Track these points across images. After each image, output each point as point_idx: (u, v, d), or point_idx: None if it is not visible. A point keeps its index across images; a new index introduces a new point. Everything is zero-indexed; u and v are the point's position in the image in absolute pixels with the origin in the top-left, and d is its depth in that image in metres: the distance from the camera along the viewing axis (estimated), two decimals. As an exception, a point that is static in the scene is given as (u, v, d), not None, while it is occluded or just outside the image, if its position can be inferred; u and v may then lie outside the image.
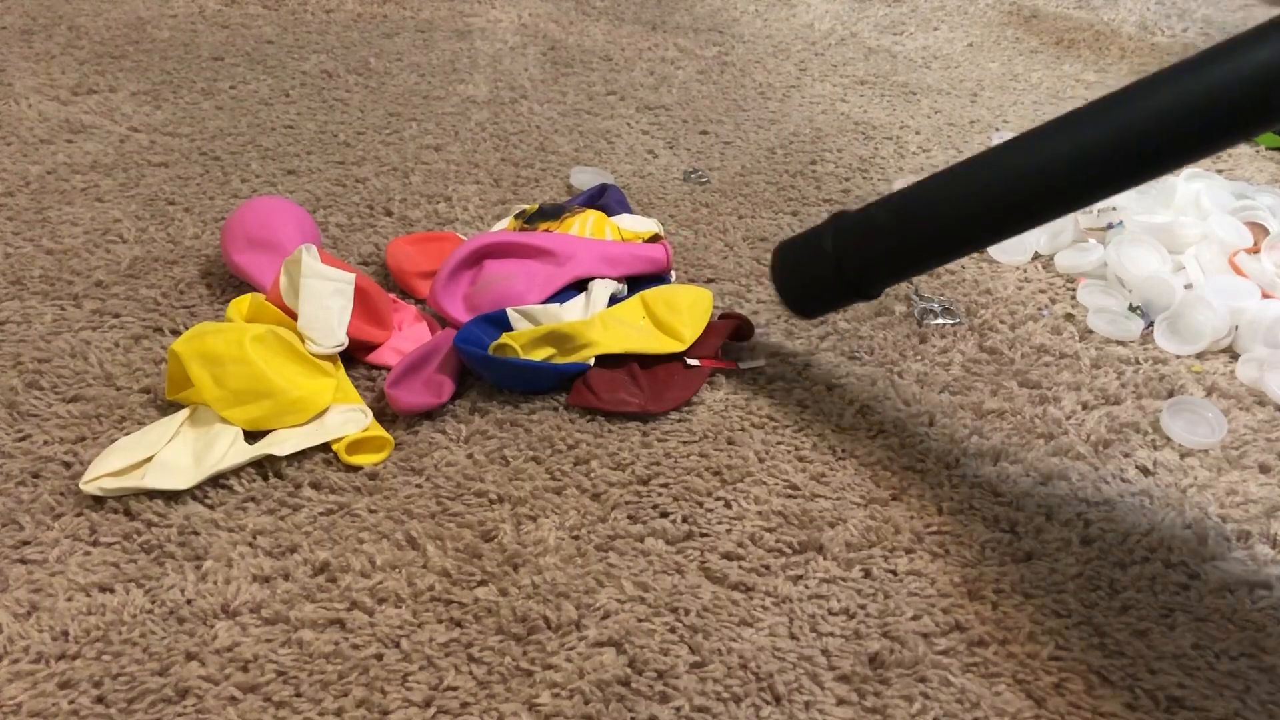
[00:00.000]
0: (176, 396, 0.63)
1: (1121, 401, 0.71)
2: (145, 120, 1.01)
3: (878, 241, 0.61)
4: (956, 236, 0.58)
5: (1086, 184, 0.52)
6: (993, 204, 0.55)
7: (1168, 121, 0.49)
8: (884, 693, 0.50)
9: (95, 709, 0.47)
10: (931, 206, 0.58)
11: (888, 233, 0.60)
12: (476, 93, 1.12)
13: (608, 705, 0.48)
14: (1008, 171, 0.54)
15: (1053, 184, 0.53)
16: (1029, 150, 0.54)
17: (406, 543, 0.56)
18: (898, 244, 0.60)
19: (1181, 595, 0.56)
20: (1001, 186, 0.54)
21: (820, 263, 0.63)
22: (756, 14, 1.43)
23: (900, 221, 0.59)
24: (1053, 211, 0.55)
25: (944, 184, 0.58)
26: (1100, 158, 0.51)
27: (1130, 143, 0.50)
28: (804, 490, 0.62)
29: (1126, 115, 0.50)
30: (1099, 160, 0.51)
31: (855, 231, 0.62)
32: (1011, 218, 0.55)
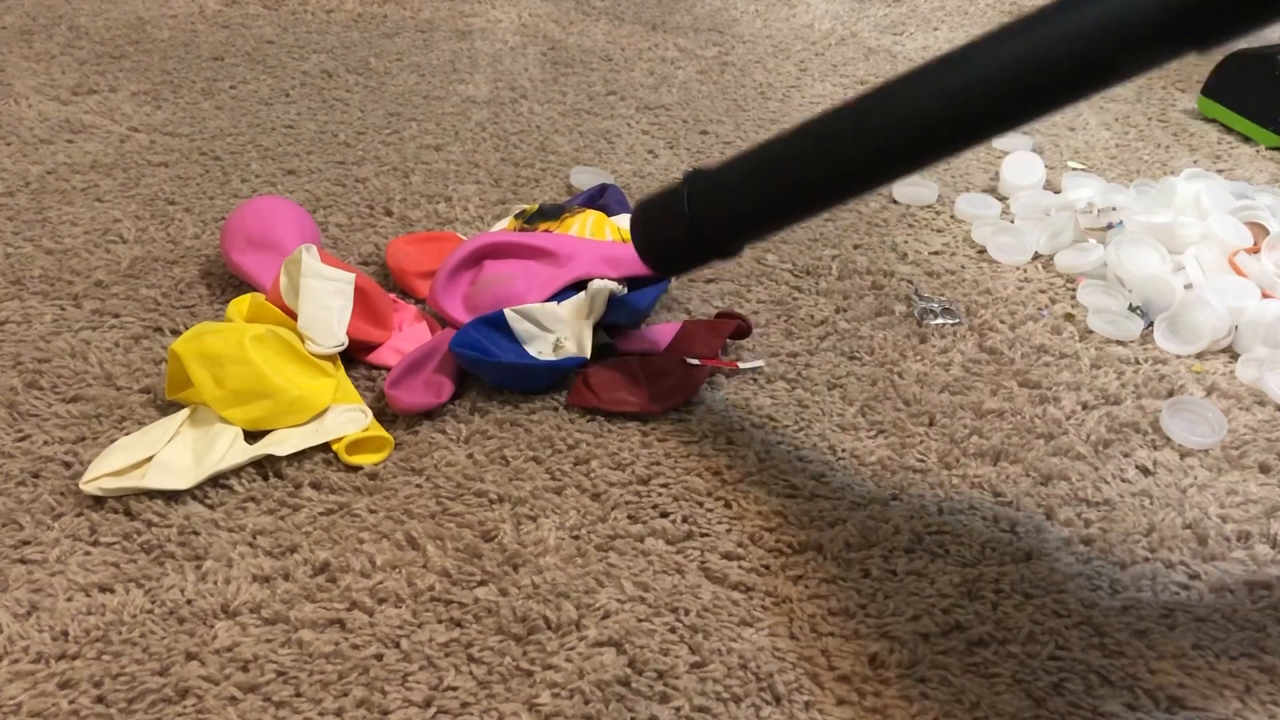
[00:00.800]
0: (176, 396, 0.63)
1: (1121, 401, 0.71)
2: (145, 120, 1.01)
3: (731, 200, 0.59)
4: (807, 195, 0.57)
5: (931, 141, 0.51)
6: (840, 161, 0.54)
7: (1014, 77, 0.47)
8: (884, 693, 0.50)
9: (95, 709, 0.47)
10: (782, 164, 0.56)
11: (741, 191, 0.59)
12: (476, 93, 1.12)
13: (608, 705, 0.48)
14: (854, 128, 0.53)
15: (897, 141, 0.52)
16: (874, 106, 0.53)
17: (406, 543, 0.56)
18: (751, 202, 0.59)
19: (1181, 595, 0.56)
20: (848, 143, 0.53)
21: (677, 222, 0.62)
22: (756, 14, 1.43)
23: (752, 179, 0.58)
24: (899, 169, 0.54)
25: (794, 140, 0.56)
26: (945, 115, 0.50)
27: (975, 99, 0.48)
28: (804, 490, 0.62)
29: (972, 70, 0.48)
30: (944, 117, 0.50)
31: (709, 190, 0.60)
32: (857, 176, 0.54)
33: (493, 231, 0.80)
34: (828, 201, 0.57)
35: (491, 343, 0.68)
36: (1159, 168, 1.04)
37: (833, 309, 0.79)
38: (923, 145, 0.51)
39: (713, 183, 0.60)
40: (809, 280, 0.82)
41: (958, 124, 0.50)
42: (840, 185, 0.55)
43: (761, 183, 0.58)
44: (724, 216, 0.60)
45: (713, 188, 0.60)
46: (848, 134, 0.53)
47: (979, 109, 0.49)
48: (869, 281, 0.82)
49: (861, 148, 0.53)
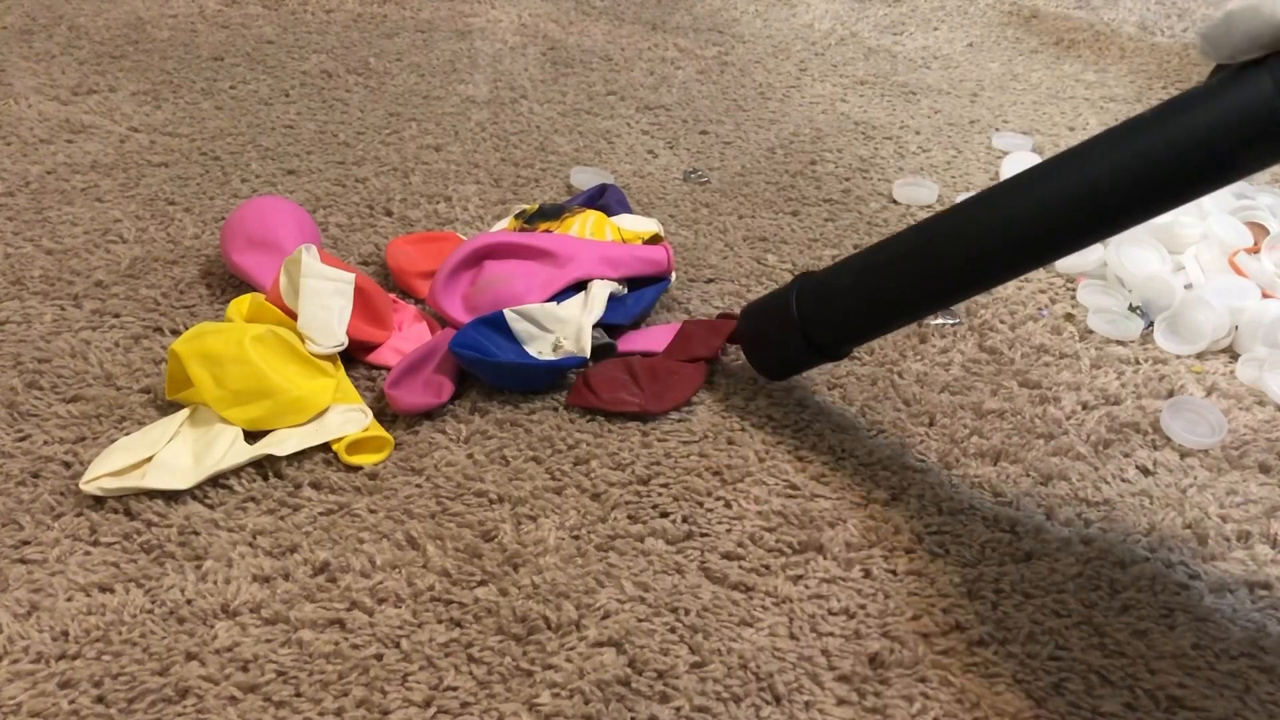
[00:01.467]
0: (176, 396, 0.63)
1: (1121, 401, 0.71)
2: (145, 120, 1.01)
3: (841, 305, 0.60)
4: (919, 299, 0.57)
5: (1046, 243, 0.52)
6: (953, 266, 0.55)
7: (1129, 180, 0.48)
8: (884, 693, 0.50)
9: (95, 709, 0.47)
10: (892, 269, 0.57)
11: (851, 296, 0.60)
12: (476, 93, 1.12)
13: (608, 705, 0.48)
14: (965, 232, 0.54)
15: (1011, 244, 0.52)
16: (985, 211, 0.53)
17: (406, 543, 0.56)
18: (861, 307, 0.60)
19: (1181, 595, 0.56)
20: (961, 247, 0.54)
21: (786, 327, 0.63)
22: (756, 14, 1.43)
23: (862, 284, 0.59)
24: (1014, 271, 0.54)
25: (905, 244, 0.57)
26: (1060, 217, 0.50)
27: (1091, 201, 0.49)
28: (804, 490, 0.62)
29: (1088, 172, 0.49)
30: (1059, 220, 0.50)
31: (818, 295, 0.62)
32: (972, 279, 0.55)
33: (493, 231, 0.80)
34: (935, 306, 0.59)
35: (491, 343, 0.68)
36: (1159, 168, 1.04)
37: (833, 309, 0.79)
38: (1037, 246, 0.52)
39: (822, 286, 0.61)
40: (809, 280, 0.82)
41: (1077, 224, 0.50)
42: (948, 290, 0.56)
43: (873, 287, 0.58)
44: (836, 320, 0.61)
45: (822, 292, 0.61)
46: (962, 235, 0.54)
47: (1100, 209, 0.49)
48: (869, 281, 0.82)
49: (975, 249, 0.53)
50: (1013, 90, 1.23)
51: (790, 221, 0.91)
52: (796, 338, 0.63)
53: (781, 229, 0.90)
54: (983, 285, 0.56)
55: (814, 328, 0.62)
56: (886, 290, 0.58)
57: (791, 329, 0.63)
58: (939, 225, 0.56)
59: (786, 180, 0.98)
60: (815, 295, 0.62)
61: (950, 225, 0.55)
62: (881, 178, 1.00)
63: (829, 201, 0.95)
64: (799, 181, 0.98)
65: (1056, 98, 1.21)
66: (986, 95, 1.21)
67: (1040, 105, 1.19)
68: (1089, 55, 1.36)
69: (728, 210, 0.92)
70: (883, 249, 0.59)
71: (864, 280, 0.59)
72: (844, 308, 0.61)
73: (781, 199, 0.95)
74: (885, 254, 0.58)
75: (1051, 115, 1.16)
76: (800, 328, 0.62)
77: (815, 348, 0.63)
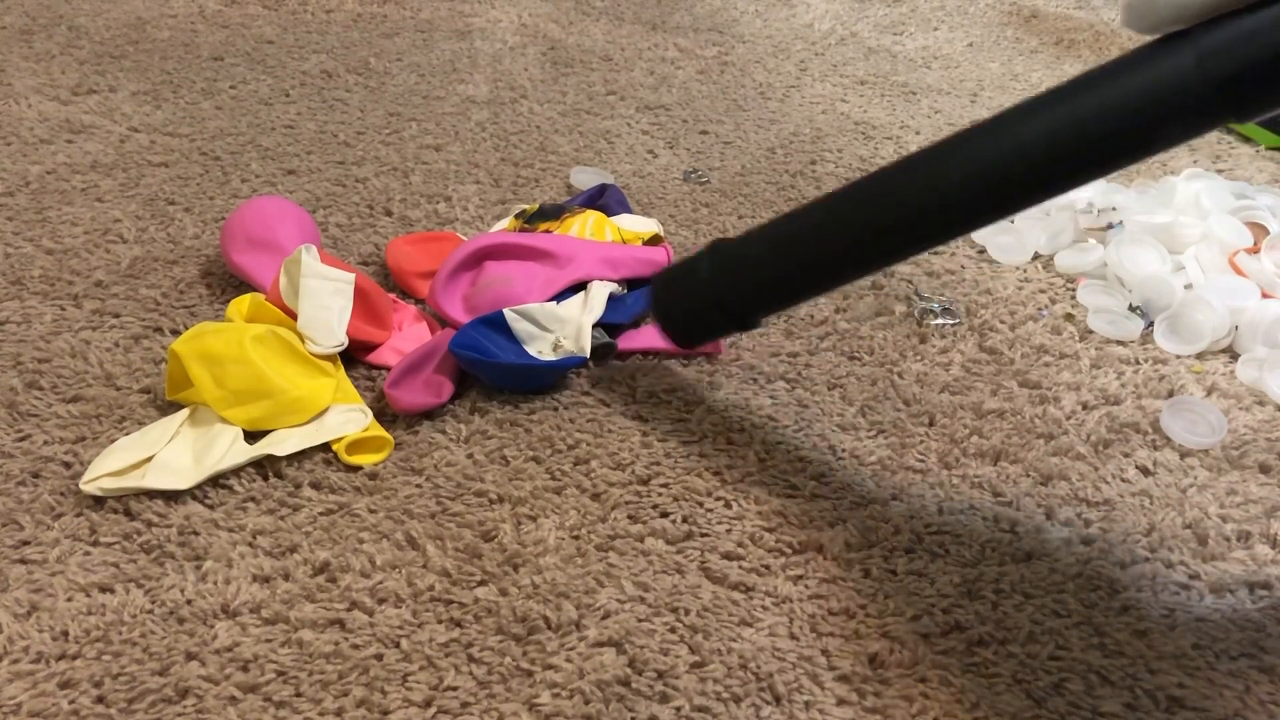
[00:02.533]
0: (176, 396, 0.63)
1: (1121, 401, 0.71)
2: (145, 120, 1.01)
3: (753, 273, 0.59)
4: (832, 269, 0.56)
5: (963, 213, 0.50)
6: (864, 234, 0.53)
7: (1049, 149, 0.46)
8: (884, 693, 0.50)
9: (95, 709, 0.47)
10: (805, 237, 0.56)
11: (763, 264, 0.58)
12: (476, 93, 1.12)
13: (608, 705, 0.48)
14: (881, 201, 0.52)
15: (927, 215, 0.51)
16: (903, 179, 0.52)
17: (406, 543, 0.56)
18: (773, 276, 0.58)
19: (1181, 595, 0.56)
20: (872, 215, 0.52)
21: (698, 293, 0.62)
22: (756, 14, 1.43)
23: (775, 253, 0.58)
24: (930, 241, 0.53)
25: (819, 213, 0.56)
26: (978, 187, 0.49)
27: (1011, 171, 0.48)
28: (804, 490, 0.62)
29: (1006, 141, 0.48)
30: (976, 190, 0.49)
31: (731, 262, 0.60)
32: (886, 249, 0.54)
33: (493, 232, 0.80)
34: (851, 274, 0.57)
35: (491, 343, 0.68)
36: (1159, 168, 1.04)
37: (833, 309, 0.79)
38: (949, 218, 0.51)
39: (735, 254, 0.60)
40: (809, 280, 0.82)
41: (988, 196, 0.49)
42: (863, 258, 0.55)
43: (785, 256, 0.57)
44: (747, 288, 0.60)
45: (735, 259, 0.60)
46: (872, 205, 0.53)
47: (1011, 181, 0.48)
48: (869, 281, 0.82)
49: (886, 220, 0.52)
50: (1013, 90, 1.23)
51: (790, 221, 0.91)
52: (709, 305, 0.61)
53: (781, 229, 0.90)
54: (897, 256, 0.54)
55: (726, 296, 0.60)
56: (800, 259, 0.56)
57: (704, 295, 0.61)
58: (853, 193, 0.54)
59: (786, 180, 0.98)
60: (728, 263, 0.60)
61: (865, 193, 0.53)
62: (881, 178, 1.00)
63: (829, 201, 0.95)
64: (799, 181, 0.98)
65: (1056, 98, 1.21)
66: (986, 95, 1.21)
67: (1040, 105, 1.18)
68: (1089, 55, 1.36)
69: (728, 210, 0.92)
70: (796, 217, 0.57)
71: (778, 248, 0.58)
72: (757, 275, 0.59)
73: (781, 199, 0.95)
74: (799, 222, 0.57)
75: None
76: (713, 295, 0.61)
77: (728, 315, 0.61)
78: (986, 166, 0.48)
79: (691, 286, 0.62)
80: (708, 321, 0.63)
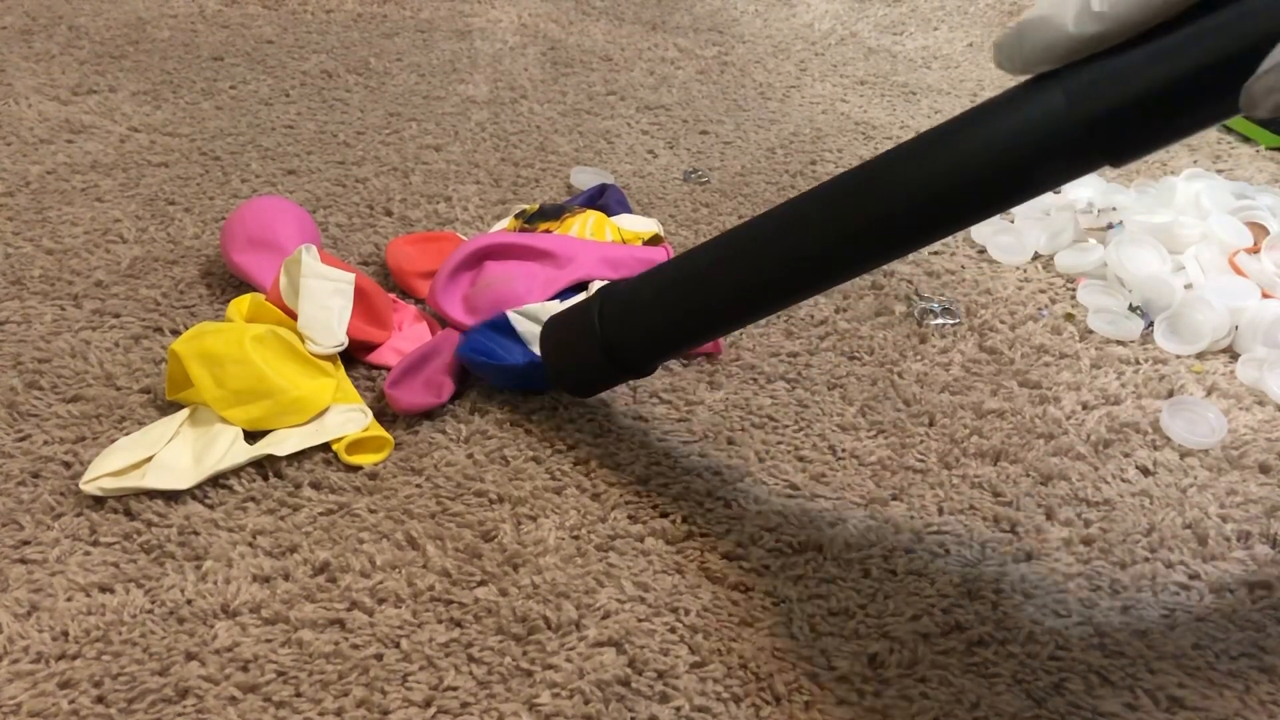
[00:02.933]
0: (176, 396, 0.63)
1: (1121, 401, 0.71)
2: (145, 120, 1.01)
3: (643, 320, 0.58)
4: (719, 316, 0.55)
5: (838, 264, 0.50)
6: (748, 280, 0.53)
7: (926, 196, 0.46)
8: (884, 693, 0.50)
9: (95, 709, 0.47)
10: (692, 284, 0.55)
11: (652, 310, 0.57)
12: (476, 93, 1.12)
13: (608, 705, 0.48)
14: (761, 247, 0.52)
15: (803, 266, 0.51)
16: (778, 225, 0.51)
17: (406, 543, 0.56)
18: (663, 323, 0.57)
19: (1181, 595, 0.56)
20: (756, 262, 0.52)
21: (588, 343, 0.60)
22: (756, 14, 1.43)
23: (663, 300, 0.56)
24: (807, 289, 0.52)
25: (701, 258, 0.55)
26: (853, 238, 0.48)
27: (886, 221, 0.47)
28: (804, 490, 0.62)
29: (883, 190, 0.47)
30: (852, 240, 0.49)
31: (620, 310, 0.58)
32: (766, 295, 0.53)
33: (493, 232, 0.80)
34: (740, 319, 0.56)
35: (498, 346, 0.68)
36: (1159, 168, 1.04)
37: (832, 309, 0.79)
38: (832, 268, 0.50)
39: (624, 301, 0.58)
40: (809, 280, 0.82)
41: (867, 240, 0.49)
42: (750, 304, 0.54)
43: (675, 303, 0.56)
44: (637, 336, 0.58)
45: (624, 306, 0.58)
46: (750, 249, 0.52)
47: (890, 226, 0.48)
48: (869, 281, 0.82)
49: (765, 264, 0.52)
50: (1013, 90, 1.23)
51: (790, 221, 0.91)
52: (599, 355, 0.59)
53: (781, 229, 0.90)
54: (782, 303, 0.54)
55: (616, 344, 0.58)
56: (687, 305, 0.55)
57: (594, 345, 0.59)
58: (740, 236, 0.53)
59: (786, 180, 0.98)
60: (617, 311, 0.58)
61: (745, 241, 0.53)
62: (881, 178, 1.00)
63: (829, 201, 0.95)
64: (799, 181, 0.98)
65: (1056, 98, 1.21)
66: (986, 95, 1.21)
67: (1040, 105, 1.18)
68: (1089, 55, 1.36)
69: (728, 210, 0.92)
70: (682, 263, 0.56)
71: (665, 295, 0.56)
72: (646, 324, 0.57)
73: (781, 199, 0.95)
74: (685, 268, 0.56)
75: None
76: (603, 344, 0.59)
77: (618, 364, 0.59)
78: (865, 213, 0.48)
79: (580, 337, 0.60)
80: (598, 371, 0.61)
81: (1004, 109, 0.44)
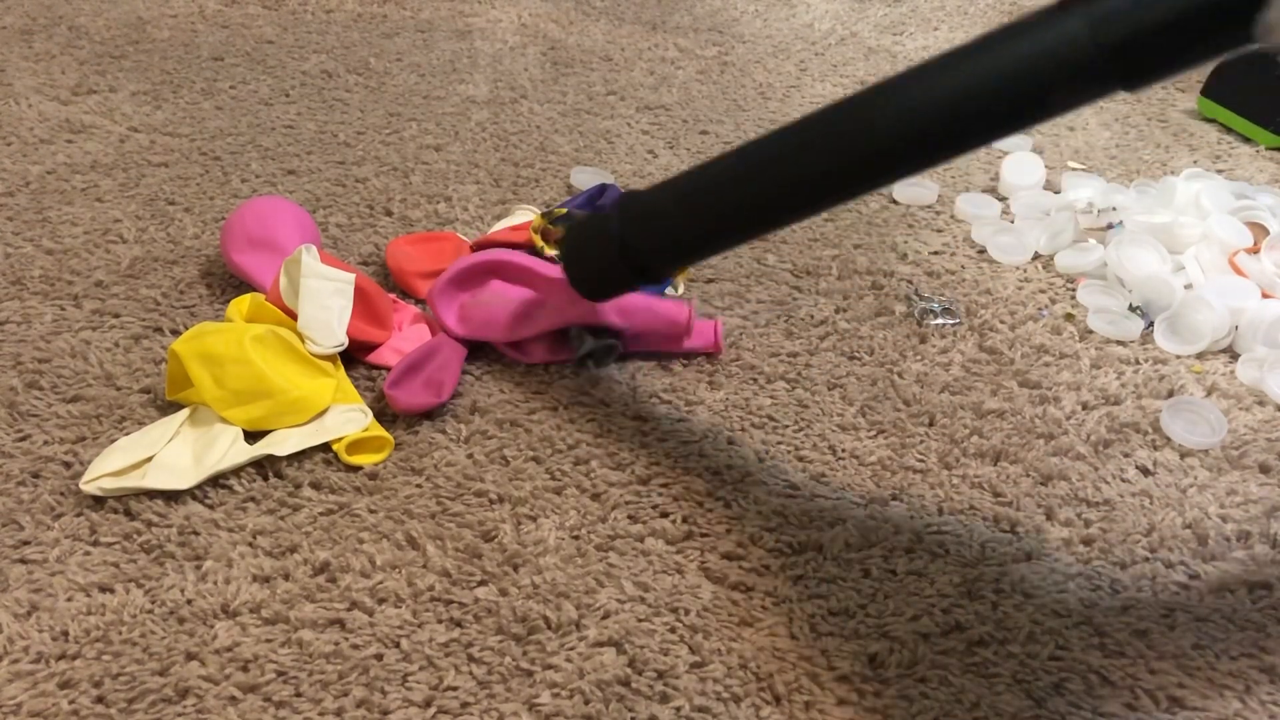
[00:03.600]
0: (176, 396, 0.63)
1: (1121, 401, 0.71)
2: (145, 120, 1.01)
3: (661, 227, 0.60)
4: (734, 222, 0.57)
5: (864, 172, 0.51)
6: (766, 189, 0.54)
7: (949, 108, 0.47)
8: (884, 693, 0.50)
9: (95, 709, 0.47)
10: (712, 192, 0.57)
11: (671, 218, 0.59)
12: (476, 93, 1.12)
13: (608, 705, 0.48)
14: (778, 157, 0.53)
15: (830, 173, 0.52)
16: (799, 135, 0.53)
17: (406, 543, 0.56)
18: (681, 230, 0.59)
19: (1181, 595, 0.56)
20: (772, 171, 0.54)
21: (606, 247, 0.62)
22: (756, 14, 1.43)
23: (683, 206, 0.58)
24: (831, 200, 0.54)
25: (724, 168, 0.56)
26: (879, 146, 0.50)
27: (912, 130, 0.49)
28: (804, 490, 0.62)
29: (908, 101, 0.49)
30: (878, 148, 0.50)
31: (640, 216, 0.61)
32: (782, 205, 0.55)
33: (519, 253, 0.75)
34: (754, 230, 0.58)
35: None
36: (1159, 168, 1.04)
37: (832, 309, 0.79)
38: (847, 176, 0.52)
39: (644, 208, 0.60)
40: (809, 280, 0.82)
41: (887, 155, 0.50)
42: (766, 213, 0.56)
43: (691, 209, 0.58)
44: (655, 242, 0.60)
45: (644, 213, 0.60)
46: (772, 161, 0.54)
47: (910, 140, 0.49)
48: (869, 281, 0.82)
49: (786, 176, 0.53)
50: (1013, 90, 1.22)
51: (790, 221, 0.91)
52: (616, 258, 0.62)
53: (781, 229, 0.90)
54: (799, 214, 0.56)
55: (634, 249, 0.61)
56: (707, 213, 0.57)
57: (611, 249, 0.62)
58: (757, 150, 0.55)
59: (786, 180, 0.98)
60: (637, 217, 0.61)
61: (768, 147, 0.54)
62: (881, 178, 1.00)
63: (829, 201, 0.95)
64: (799, 181, 0.98)
65: (1056, 98, 1.21)
66: (986, 95, 1.21)
67: (1040, 105, 1.18)
68: (1089, 55, 1.36)
69: (728, 210, 0.92)
70: (703, 172, 0.58)
71: (684, 202, 0.58)
72: (665, 230, 0.60)
73: (781, 199, 0.95)
74: (706, 177, 0.57)
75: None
76: (620, 248, 0.61)
77: (634, 269, 0.62)
78: (885, 127, 0.49)
79: (599, 240, 0.62)
80: (614, 274, 0.63)
81: (1026, 33, 0.45)
